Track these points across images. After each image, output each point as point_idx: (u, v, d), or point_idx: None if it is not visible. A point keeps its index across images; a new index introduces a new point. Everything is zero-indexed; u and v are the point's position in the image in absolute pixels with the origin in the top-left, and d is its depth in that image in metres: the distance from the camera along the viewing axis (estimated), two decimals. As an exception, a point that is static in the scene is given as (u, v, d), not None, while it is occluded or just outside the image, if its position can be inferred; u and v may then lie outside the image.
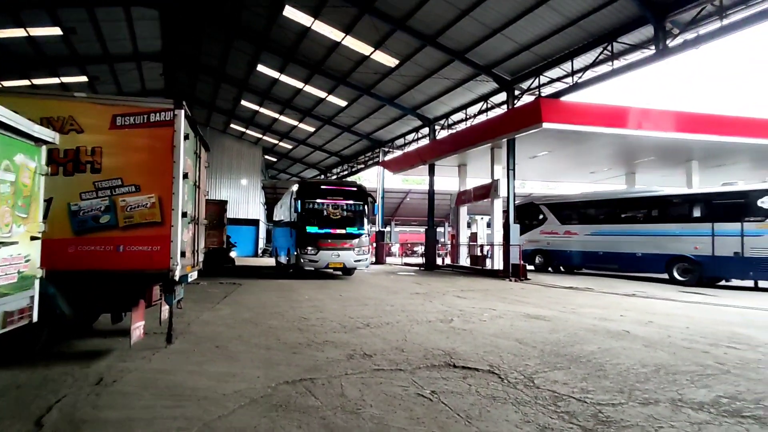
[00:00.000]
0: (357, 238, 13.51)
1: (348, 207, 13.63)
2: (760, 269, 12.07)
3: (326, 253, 13.06)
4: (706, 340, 5.59)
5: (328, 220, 13.36)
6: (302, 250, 12.95)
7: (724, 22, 10.89)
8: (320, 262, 13.04)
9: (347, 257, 13.27)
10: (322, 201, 13.44)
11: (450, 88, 18.19)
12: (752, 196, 12.37)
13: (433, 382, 3.86)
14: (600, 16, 12.36)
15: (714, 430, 2.93)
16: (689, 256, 13.40)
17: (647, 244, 14.61)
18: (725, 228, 12.65)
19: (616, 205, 16.38)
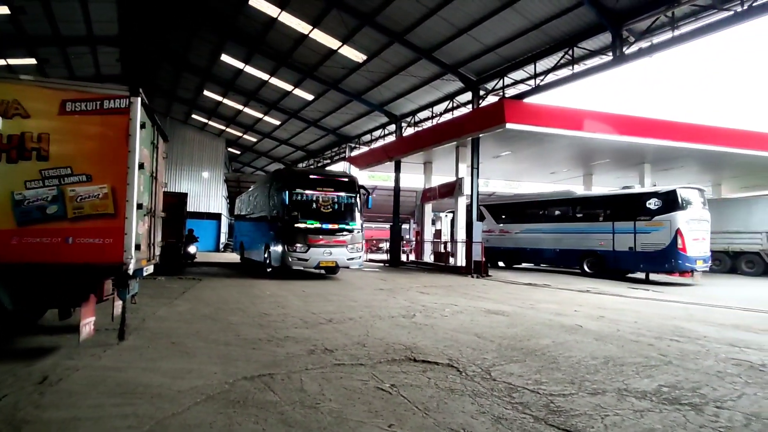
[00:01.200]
0: (350, 233, 12.18)
1: (340, 199, 12.27)
2: (648, 262, 13.93)
3: (317, 251, 11.65)
4: (651, 334, 5.90)
5: (319, 214, 11.93)
6: (290, 247, 11.40)
7: (675, 32, 11.45)
8: (310, 261, 11.63)
9: (340, 255, 11.98)
10: (312, 192, 11.98)
11: (417, 85, 18.30)
12: (642, 198, 14.20)
13: (393, 376, 3.90)
14: (562, 21, 12.74)
15: (655, 416, 3.11)
16: (596, 251, 15.22)
17: (564, 241, 16.39)
18: (622, 226, 14.53)
19: (539, 206, 18.16)
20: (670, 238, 13.22)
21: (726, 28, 10.42)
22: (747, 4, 9.93)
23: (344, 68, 17.89)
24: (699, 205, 14.01)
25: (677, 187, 13.85)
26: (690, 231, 13.35)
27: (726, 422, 3.04)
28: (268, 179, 13.99)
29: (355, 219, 12.45)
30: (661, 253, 13.53)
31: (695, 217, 13.70)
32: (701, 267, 13.82)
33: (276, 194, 12.22)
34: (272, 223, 12.45)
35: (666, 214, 13.47)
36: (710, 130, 16.45)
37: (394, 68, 17.24)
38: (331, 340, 5.19)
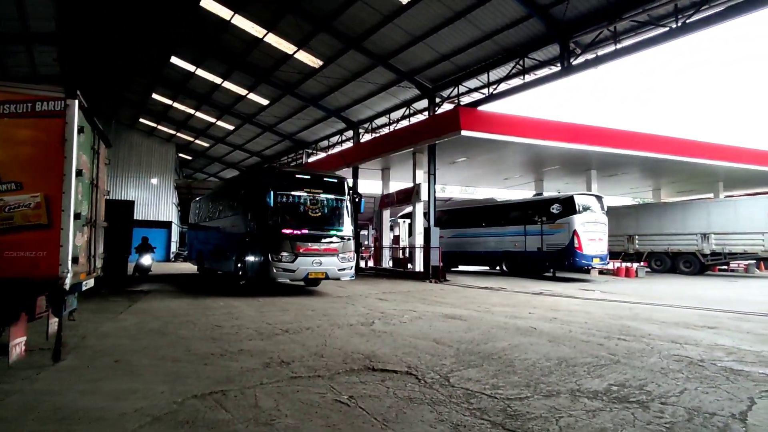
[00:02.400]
0: (342, 240, 10.75)
1: (330, 202, 10.94)
2: (553, 260, 15.83)
3: (306, 260, 10.08)
4: (601, 334, 6.14)
5: (307, 218, 10.53)
6: (274, 257, 9.83)
7: (618, 45, 12.12)
8: (298, 272, 10.03)
9: (330, 265, 10.41)
10: (300, 194, 10.55)
11: (374, 92, 18.38)
12: (547, 204, 16.11)
13: (351, 387, 3.82)
14: (513, 32, 13.19)
15: (606, 416, 3.20)
16: (512, 251, 17.15)
17: (487, 244, 18.28)
18: (532, 229, 16.38)
19: (467, 212, 20.06)
20: (569, 238, 15.05)
21: (663, 42, 11.13)
22: (681, 21, 10.65)
23: (300, 73, 17.70)
24: (596, 210, 16.05)
25: (574, 193, 15.81)
26: (585, 232, 15.29)
27: (670, 417, 3.17)
28: (243, 179, 12.56)
29: (346, 225, 11.13)
30: (562, 252, 15.33)
31: (591, 220, 15.70)
32: (597, 264, 15.95)
33: (255, 196, 10.59)
34: (249, 229, 10.91)
35: (565, 217, 15.34)
36: (650, 138, 17.50)
37: (351, 74, 17.24)
38: (287, 351, 5.04)
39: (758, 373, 4.30)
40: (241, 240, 11.21)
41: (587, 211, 15.75)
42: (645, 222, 21.60)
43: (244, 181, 12.49)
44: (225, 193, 14.04)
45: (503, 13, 12.50)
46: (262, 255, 10.12)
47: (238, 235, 11.60)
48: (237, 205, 12.08)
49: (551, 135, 15.31)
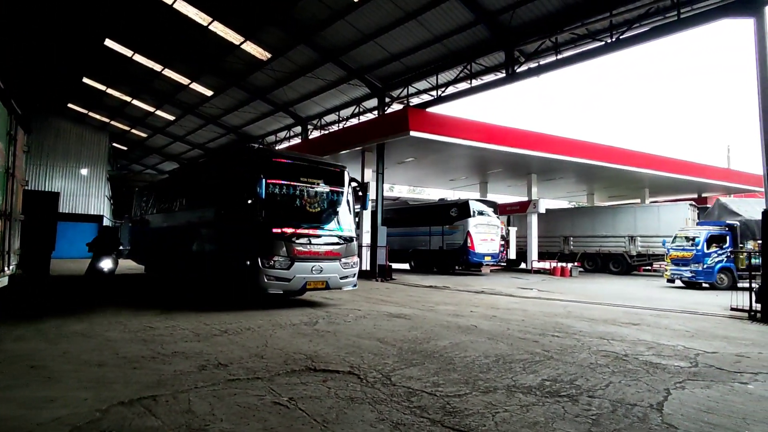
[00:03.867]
0: (345, 242, 8.76)
1: (332, 196, 9.00)
2: (451, 258, 18.07)
3: (304, 266, 8.01)
4: (536, 331, 6.42)
5: (306, 215, 8.52)
6: (265, 262, 7.69)
7: (558, 56, 12.73)
8: (294, 281, 7.89)
9: (332, 271, 8.39)
10: (298, 184, 8.50)
11: (324, 88, 18.17)
12: (448, 208, 18.46)
13: (291, 389, 3.74)
14: (461, 37, 13.51)
15: (539, 410, 3.34)
16: (419, 249, 19.35)
17: (399, 242, 19.65)
18: (435, 229, 18.56)
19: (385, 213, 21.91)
20: (464, 239, 17.34)
21: (600, 55, 11.82)
22: (615, 37, 11.36)
23: (248, 65, 17.16)
24: (489, 214, 18.52)
25: (469, 199, 18.13)
26: (478, 234, 17.67)
27: (596, 410, 3.36)
28: (222, 162, 10.11)
29: (349, 223, 9.18)
30: (458, 251, 17.48)
31: (483, 223, 18.04)
32: (489, 262, 18.39)
33: (240, 184, 8.38)
34: (228, 225, 8.48)
35: (461, 220, 17.56)
36: (585, 145, 18.56)
37: (300, 69, 16.94)
38: (225, 353, 4.85)
39: (674, 365, 4.66)
40: (217, 239, 8.85)
41: (480, 215, 18.14)
42: (579, 224, 22.97)
43: (223, 164, 9.86)
44: (192, 180, 11.34)
45: (453, 17, 12.77)
46: (248, 259, 7.77)
47: (211, 233, 9.12)
48: (211, 194, 9.52)
49: (495, 139, 15.85)
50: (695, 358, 4.99)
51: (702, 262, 14.45)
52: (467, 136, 15.25)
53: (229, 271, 8.26)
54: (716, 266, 14.27)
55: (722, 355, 5.19)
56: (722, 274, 14.41)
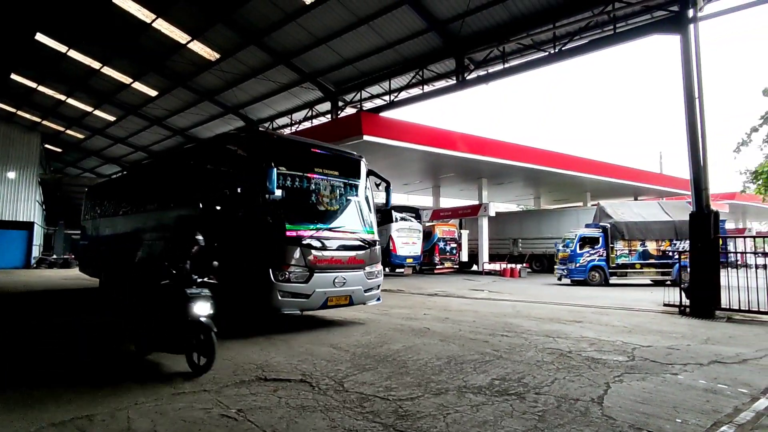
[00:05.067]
0: (369, 247, 7.23)
1: (352, 191, 7.49)
2: None
3: (325, 278, 6.47)
4: (487, 331, 6.58)
5: (324, 214, 6.94)
6: (279, 274, 6.13)
7: (506, 65, 13.19)
8: (314, 297, 6.36)
9: (356, 283, 6.90)
10: (313, 176, 6.94)
11: (276, 90, 17.86)
12: None
13: (240, 400, 3.62)
14: (413, 43, 13.70)
15: (488, 409, 3.42)
16: None
17: None
18: None
19: None
20: (386, 242, 18.58)
21: (545, 65, 12.34)
22: (558, 48, 11.91)
23: (195, 65, 16.56)
24: (411, 219, 20.26)
25: (392, 206, 19.45)
26: (400, 237, 19.46)
27: (542, 406, 3.48)
28: (215, 150, 7.99)
29: (372, 224, 7.68)
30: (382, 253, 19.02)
31: (405, 228, 19.85)
32: (410, 263, 20.18)
33: (242, 176, 6.75)
34: (228, 228, 6.75)
35: (384, 225, 18.44)
36: (532, 151, 19.34)
37: (251, 70, 16.56)
38: (169, 365, 4.63)
39: (613, 360, 4.92)
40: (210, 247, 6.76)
41: (403, 220, 19.76)
42: (527, 227, 23.89)
43: (216, 152, 7.87)
44: (170, 173, 9.35)
45: (404, 24, 12.93)
46: (257, 271, 6.18)
47: None
48: (199, 190, 7.77)
49: (447, 144, 16.19)
50: (632, 352, 5.29)
51: (575, 261, 16.06)
52: (420, 141, 15.47)
53: (228, 287, 5.84)
54: (588, 265, 15.91)
55: (656, 348, 5.54)
56: (594, 272, 16.00)
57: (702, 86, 8.68)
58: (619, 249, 15.74)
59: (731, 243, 10.83)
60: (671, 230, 15.89)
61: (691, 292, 8.36)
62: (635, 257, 15.85)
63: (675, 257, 15.69)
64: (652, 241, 15.81)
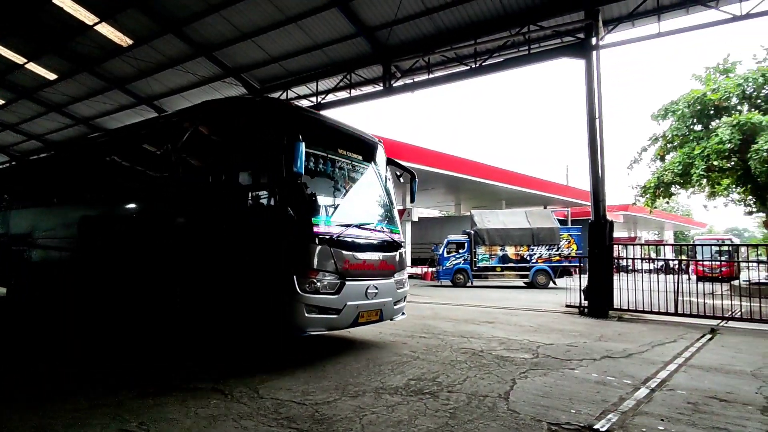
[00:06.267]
0: (398, 249, 5.96)
1: (378, 180, 6.30)
2: None
3: (357, 288, 5.14)
4: (406, 333, 6.74)
5: (351, 206, 5.61)
6: (304, 284, 4.66)
7: (430, 75, 13.65)
8: (345, 312, 4.99)
9: (387, 293, 5.60)
10: (336, 159, 5.55)
11: (196, 83, 16.91)
12: None
13: (144, 412, 3.37)
14: (342, 46, 13.71)
15: (403, 409, 3.50)
16: None
17: None
18: None
19: None
20: None
21: (467, 78, 12.93)
22: (479, 63, 12.56)
23: (103, 49, 15.21)
24: None
25: None
26: None
27: (454, 403, 3.64)
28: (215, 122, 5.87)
29: (398, 221, 6.47)
30: None
31: None
32: None
33: (257, 156, 5.21)
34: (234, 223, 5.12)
35: None
36: (453, 160, 20.19)
37: (168, 60, 15.54)
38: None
39: (520, 358, 5.27)
40: (203, 248, 5.29)
41: None
42: (448, 232, 24.79)
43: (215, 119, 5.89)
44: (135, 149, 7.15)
45: (334, 27, 12.89)
46: (273, 279, 4.71)
47: (189, 236, 5.55)
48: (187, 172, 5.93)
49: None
50: (537, 350, 5.71)
51: (443, 264, 17.91)
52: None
53: (232, 303, 4.92)
54: (454, 267, 17.77)
55: (557, 346, 6.02)
56: (459, 274, 17.90)
57: (602, 107, 9.63)
58: (480, 253, 17.34)
59: (623, 250, 12.08)
60: (529, 237, 17.85)
61: (589, 294, 9.20)
62: (495, 261, 17.63)
63: (532, 261, 17.74)
64: (512, 246, 17.58)
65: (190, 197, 5.71)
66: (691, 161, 13.78)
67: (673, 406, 3.62)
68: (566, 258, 17.78)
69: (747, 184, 14.34)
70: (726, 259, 20.66)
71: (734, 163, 13.91)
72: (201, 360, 5.03)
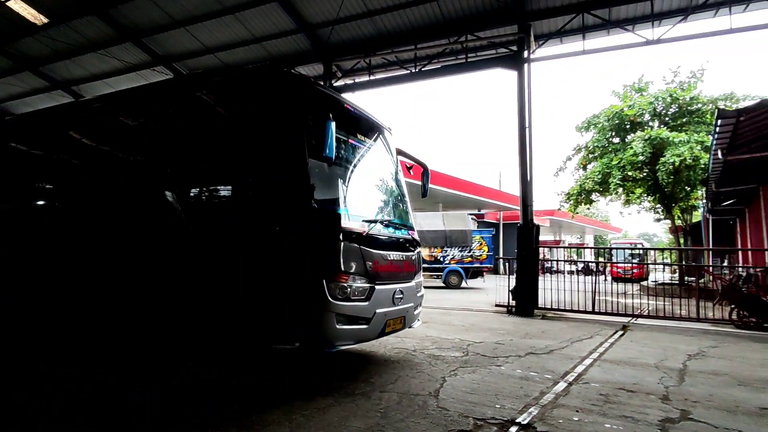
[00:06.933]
0: (417, 246, 5.46)
1: (394, 170, 5.79)
2: None
3: (385, 293, 4.47)
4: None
5: (375, 199, 5.11)
6: (335, 289, 3.88)
7: (371, 77, 13.72)
8: (374, 323, 4.26)
9: (410, 298, 5.01)
10: (357, 146, 4.88)
11: (121, 70, 15.78)
12: None
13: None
14: (282, 42, 13.42)
15: (335, 410, 3.47)
16: None
17: None
18: None
19: None
20: None
21: (407, 82, 13.14)
22: (418, 68, 12.82)
23: (14, 26, 13.78)
24: None
25: None
26: None
27: (385, 403, 3.67)
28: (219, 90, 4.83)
29: (412, 216, 5.87)
30: None
31: None
32: None
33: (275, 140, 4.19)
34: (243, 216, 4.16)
35: None
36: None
37: (90, 43, 14.38)
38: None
39: (451, 356, 5.42)
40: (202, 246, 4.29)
41: None
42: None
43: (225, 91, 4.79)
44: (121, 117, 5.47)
45: (273, 21, 12.58)
46: (297, 283, 3.88)
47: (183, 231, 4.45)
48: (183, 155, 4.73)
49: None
50: (467, 348, 5.90)
51: None
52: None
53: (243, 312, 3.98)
54: None
55: (486, 344, 6.26)
56: None
57: (532, 117, 10.18)
58: None
59: (549, 252, 12.83)
60: (442, 239, 18.66)
61: (516, 295, 9.67)
62: None
63: (445, 262, 18.59)
64: (426, 248, 18.24)
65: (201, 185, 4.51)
66: (609, 171, 14.94)
67: (587, 398, 3.89)
68: (477, 259, 18.50)
69: (656, 194, 15.79)
70: (637, 261, 22.64)
71: (646, 174, 15.28)
72: (119, 366, 4.69)
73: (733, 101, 14.43)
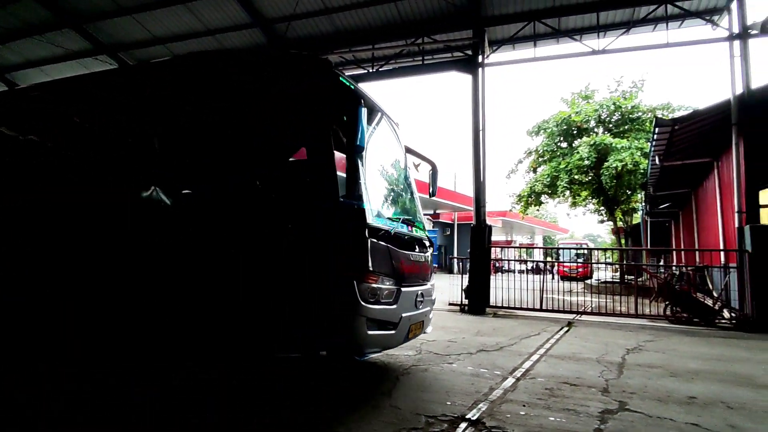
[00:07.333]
0: (431, 246, 5.08)
1: (406, 164, 5.49)
2: None
3: (409, 296, 4.12)
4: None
5: (398, 197, 4.84)
6: (366, 291, 3.51)
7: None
8: (401, 328, 3.94)
9: (429, 301, 4.79)
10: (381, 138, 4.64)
11: (60, 57, 14.81)
12: None
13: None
14: (236, 36, 13.06)
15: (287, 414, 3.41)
16: None
17: None
18: None
19: None
20: None
21: (364, 82, 13.04)
22: (375, 68, 12.84)
23: (-66, 5, 12.61)
24: None
25: None
26: None
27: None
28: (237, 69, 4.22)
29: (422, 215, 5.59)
30: None
31: None
32: None
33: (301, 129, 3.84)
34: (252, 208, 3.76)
35: None
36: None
37: (27, 27, 13.40)
38: None
39: (404, 355, 5.46)
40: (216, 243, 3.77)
41: None
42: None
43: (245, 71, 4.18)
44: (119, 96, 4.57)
45: (227, 13, 12.21)
46: (324, 284, 3.49)
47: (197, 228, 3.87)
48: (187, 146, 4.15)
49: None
50: (420, 347, 5.97)
51: None
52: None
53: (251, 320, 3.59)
54: None
55: (439, 342, 6.36)
56: None
57: (485, 120, 10.43)
58: None
59: (501, 252, 13.21)
60: None
61: (469, 293, 9.89)
62: None
63: None
64: None
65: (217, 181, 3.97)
66: (557, 174, 15.61)
67: (534, 393, 4.03)
68: None
69: (600, 196, 16.66)
70: (583, 261, 23.77)
71: (591, 178, 16.07)
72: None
73: (670, 111, 15.47)
